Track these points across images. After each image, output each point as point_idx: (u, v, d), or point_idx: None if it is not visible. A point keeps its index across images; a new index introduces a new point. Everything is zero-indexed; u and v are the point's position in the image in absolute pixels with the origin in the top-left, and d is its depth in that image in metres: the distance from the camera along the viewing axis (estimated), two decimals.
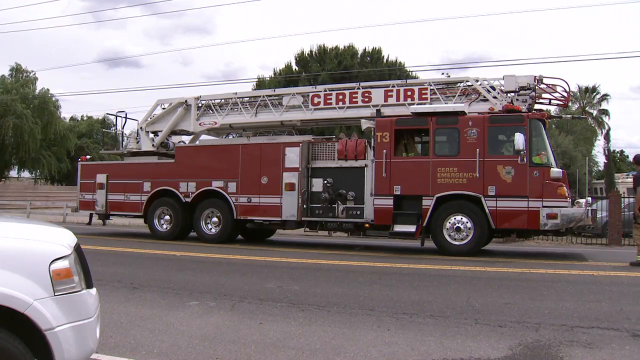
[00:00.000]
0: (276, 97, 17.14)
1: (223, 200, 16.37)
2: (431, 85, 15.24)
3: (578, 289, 8.91)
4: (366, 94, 15.76)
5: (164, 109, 18.76)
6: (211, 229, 16.68)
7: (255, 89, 36.34)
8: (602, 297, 8.18)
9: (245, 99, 17.69)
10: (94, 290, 3.87)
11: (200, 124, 18.11)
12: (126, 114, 20.13)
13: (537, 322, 6.47)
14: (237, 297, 7.90)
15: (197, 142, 19.17)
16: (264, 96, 17.45)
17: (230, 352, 5.29)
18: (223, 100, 17.95)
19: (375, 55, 42.29)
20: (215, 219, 16.62)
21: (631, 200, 16.32)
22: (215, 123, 17.80)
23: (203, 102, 18.23)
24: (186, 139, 19.62)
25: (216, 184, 16.48)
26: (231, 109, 17.67)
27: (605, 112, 56.68)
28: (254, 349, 5.39)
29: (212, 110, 17.97)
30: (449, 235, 13.64)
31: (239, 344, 5.57)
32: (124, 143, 20.16)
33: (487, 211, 13.27)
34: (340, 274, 10.80)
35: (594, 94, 56.27)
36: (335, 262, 12.30)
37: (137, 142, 19.00)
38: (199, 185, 16.71)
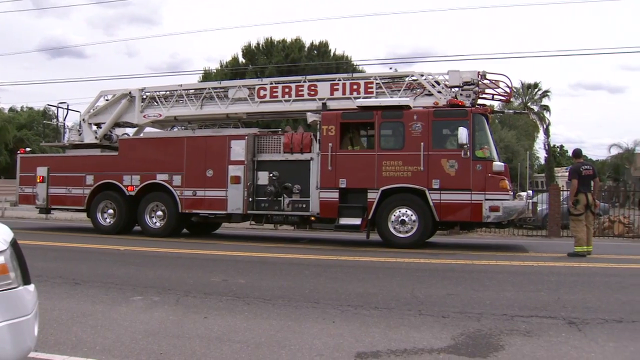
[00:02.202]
0: (222, 90, 16.95)
1: (168, 194, 16.14)
2: (377, 79, 15.35)
3: (519, 279, 9.17)
4: (312, 88, 15.77)
5: (107, 100, 18.34)
6: (156, 222, 16.44)
7: (201, 81, 35.89)
8: (542, 287, 8.43)
9: (191, 91, 17.45)
10: (32, 287, 3.76)
11: (144, 116, 17.77)
12: (68, 105, 19.63)
13: (479, 312, 6.62)
14: (181, 292, 7.81)
15: (142, 135, 18.87)
16: (209, 88, 17.25)
17: (175, 347, 5.23)
18: (168, 92, 17.64)
19: (322, 48, 42.32)
20: (160, 213, 16.38)
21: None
22: (160, 115, 17.49)
23: (147, 93, 17.87)
24: (130, 131, 19.25)
25: (161, 177, 16.24)
26: (176, 101, 17.38)
27: (546, 108, 58.23)
28: (198, 344, 5.34)
29: (157, 102, 17.64)
30: (394, 228, 13.79)
31: (183, 338, 5.52)
32: (65, 135, 19.60)
33: (431, 204, 13.46)
34: (286, 267, 10.81)
35: (536, 90, 57.74)
36: (280, 255, 12.31)
37: (80, 135, 18.54)
38: (143, 178, 16.43)
